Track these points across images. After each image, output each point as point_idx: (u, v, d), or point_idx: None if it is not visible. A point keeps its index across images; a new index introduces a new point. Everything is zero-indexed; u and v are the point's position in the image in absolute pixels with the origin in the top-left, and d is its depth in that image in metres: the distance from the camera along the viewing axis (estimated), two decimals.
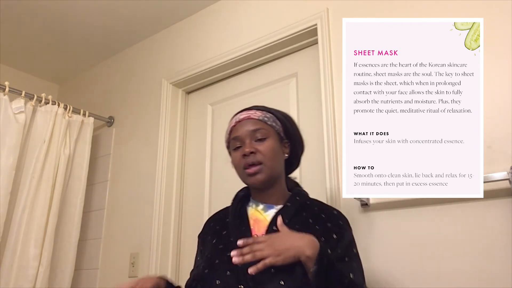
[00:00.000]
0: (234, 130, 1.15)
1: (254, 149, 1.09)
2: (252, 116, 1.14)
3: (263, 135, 1.11)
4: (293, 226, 1.03)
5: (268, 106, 1.21)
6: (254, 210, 1.13)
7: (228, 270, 0.98)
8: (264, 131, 1.11)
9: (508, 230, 1.16)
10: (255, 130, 1.11)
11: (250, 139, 1.11)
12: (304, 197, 1.16)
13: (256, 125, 1.12)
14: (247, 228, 1.07)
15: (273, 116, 1.16)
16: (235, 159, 1.13)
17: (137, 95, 2.44)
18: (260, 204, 1.14)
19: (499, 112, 1.24)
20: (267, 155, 1.09)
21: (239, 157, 1.11)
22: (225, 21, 2.11)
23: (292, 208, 1.10)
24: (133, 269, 2.06)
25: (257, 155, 1.09)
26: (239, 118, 1.15)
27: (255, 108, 1.17)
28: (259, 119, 1.13)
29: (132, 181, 2.26)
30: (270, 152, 1.09)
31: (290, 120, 1.21)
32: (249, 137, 1.11)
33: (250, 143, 1.10)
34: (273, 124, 1.14)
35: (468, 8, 1.37)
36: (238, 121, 1.15)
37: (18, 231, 1.97)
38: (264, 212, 1.11)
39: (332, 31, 1.68)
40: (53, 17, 2.32)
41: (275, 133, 1.14)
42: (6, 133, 2.02)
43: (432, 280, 1.25)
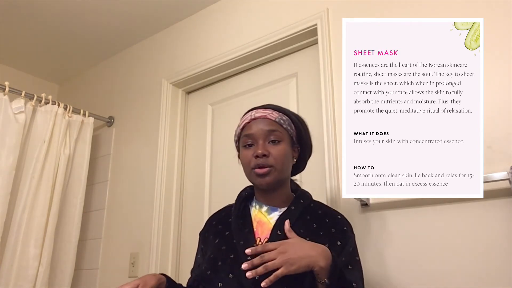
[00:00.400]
0: (248, 127, 1.12)
1: (267, 151, 1.07)
2: (269, 116, 1.11)
3: (278, 138, 1.09)
4: (297, 230, 1.02)
5: (283, 107, 1.18)
6: (257, 211, 1.12)
7: (231, 273, 0.98)
8: (279, 133, 1.09)
9: (508, 230, 1.16)
10: (270, 131, 1.09)
11: (264, 140, 1.09)
12: (308, 200, 1.16)
13: (271, 126, 1.10)
14: (250, 230, 1.06)
15: (289, 119, 1.14)
16: (245, 157, 1.10)
17: (137, 95, 2.44)
18: (264, 205, 1.12)
19: (499, 112, 1.24)
20: (279, 159, 1.07)
21: (250, 156, 1.08)
22: (225, 21, 2.11)
23: (296, 211, 1.09)
24: (133, 269, 2.06)
25: (269, 158, 1.07)
26: (255, 115, 1.12)
27: (271, 108, 1.14)
28: (276, 121, 1.11)
29: (132, 181, 2.26)
30: (282, 156, 1.08)
31: (304, 125, 1.19)
32: (263, 137, 1.09)
33: (264, 144, 1.08)
34: (288, 128, 1.12)
35: (468, 8, 1.37)
36: (253, 118, 1.12)
37: (18, 231, 1.97)
38: (268, 214, 1.10)
39: (332, 31, 1.68)
40: (53, 17, 2.32)
41: (288, 137, 1.13)
42: (6, 133, 2.02)
43: (432, 280, 1.25)
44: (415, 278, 1.28)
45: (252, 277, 0.87)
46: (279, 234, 1.02)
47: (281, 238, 0.99)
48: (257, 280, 0.89)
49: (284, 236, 1.00)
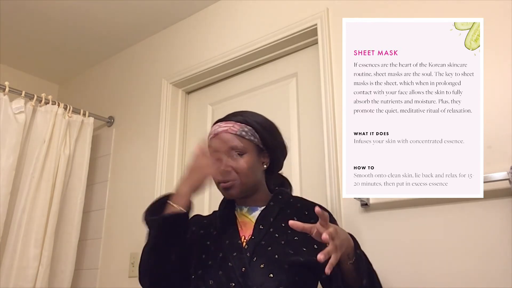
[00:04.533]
0: (212, 142, 1.14)
1: (229, 167, 1.09)
2: (230, 130, 1.12)
3: (240, 151, 1.10)
4: (279, 223, 1.08)
5: (247, 113, 1.18)
6: (239, 213, 1.16)
7: (220, 270, 1.02)
8: (241, 146, 1.10)
9: (508, 230, 1.16)
10: (232, 147, 1.10)
11: (227, 155, 1.10)
12: (287, 195, 1.20)
13: (233, 141, 1.11)
14: (235, 229, 1.11)
15: (251, 129, 1.13)
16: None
17: (137, 95, 2.44)
18: (244, 207, 1.17)
19: (499, 112, 1.24)
20: (242, 172, 1.09)
21: (216, 170, 1.11)
22: (225, 21, 2.11)
23: (275, 207, 1.13)
24: (133, 269, 2.06)
25: (231, 173, 1.09)
26: (217, 130, 1.14)
27: (234, 120, 1.14)
28: (237, 134, 1.11)
29: (132, 181, 2.26)
30: (245, 169, 1.09)
31: (270, 130, 1.18)
32: (226, 153, 1.11)
33: (227, 160, 1.10)
34: (251, 138, 1.12)
35: (468, 8, 1.37)
36: (216, 133, 1.14)
37: (18, 231, 1.97)
38: (249, 214, 1.15)
39: (332, 31, 1.68)
40: (53, 17, 2.32)
41: (254, 147, 1.13)
42: (6, 133, 2.02)
43: (432, 280, 1.25)
44: (415, 278, 1.28)
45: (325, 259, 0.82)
46: (261, 229, 1.08)
47: (264, 233, 1.06)
48: (244, 273, 0.98)
49: (266, 231, 1.06)
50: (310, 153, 1.70)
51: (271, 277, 0.97)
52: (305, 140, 1.73)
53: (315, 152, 1.66)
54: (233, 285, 0.98)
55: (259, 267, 0.99)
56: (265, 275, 0.97)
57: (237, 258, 1.03)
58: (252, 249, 1.03)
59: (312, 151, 1.69)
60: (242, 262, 1.01)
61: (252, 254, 1.02)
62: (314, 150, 1.68)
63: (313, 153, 1.68)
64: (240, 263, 1.01)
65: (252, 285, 0.97)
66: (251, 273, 0.99)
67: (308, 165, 1.69)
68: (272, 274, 0.97)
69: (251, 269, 0.99)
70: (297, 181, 1.68)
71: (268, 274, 0.97)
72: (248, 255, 1.02)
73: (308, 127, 1.74)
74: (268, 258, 1.00)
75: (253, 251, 1.03)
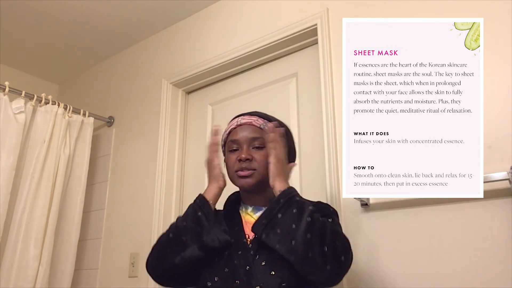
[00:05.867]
0: (233, 133, 1.17)
1: (251, 156, 1.12)
2: (254, 123, 1.16)
3: (261, 144, 1.13)
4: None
5: (269, 114, 1.22)
6: (244, 213, 1.17)
7: (226, 268, 1.04)
8: (262, 140, 1.13)
9: (508, 230, 1.16)
10: (254, 138, 1.14)
11: (248, 145, 1.14)
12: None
13: (256, 133, 1.15)
14: (240, 228, 1.12)
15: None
16: (229, 160, 1.16)
17: (137, 95, 2.44)
18: (249, 207, 1.18)
19: (499, 112, 1.24)
20: (262, 163, 1.11)
21: (234, 160, 1.14)
22: (225, 21, 2.11)
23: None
24: (133, 269, 2.06)
25: (252, 162, 1.12)
26: (241, 122, 1.18)
27: (257, 115, 1.19)
28: (260, 128, 1.15)
29: (132, 181, 2.26)
30: (265, 161, 1.11)
31: (288, 133, 1.23)
32: (247, 143, 1.14)
33: (248, 150, 1.13)
34: None
35: (468, 8, 1.37)
36: (239, 124, 1.17)
37: (18, 231, 1.97)
38: (254, 214, 1.16)
39: (332, 31, 1.68)
40: (53, 17, 2.32)
41: None
42: (6, 133, 2.02)
43: (432, 280, 1.25)
44: (415, 278, 1.28)
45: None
46: None
47: None
48: (248, 271, 1.00)
49: None
50: (310, 153, 1.70)
51: (272, 274, 0.99)
52: (305, 140, 1.73)
53: (315, 152, 1.66)
54: (237, 282, 1.01)
55: (261, 265, 1.02)
56: (267, 273, 1.00)
57: (242, 256, 1.05)
58: (256, 248, 1.05)
59: (312, 151, 1.69)
60: (247, 261, 1.03)
61: (256, 252, 1.04)
62: (314, 150, 1.68)
63: (313, 153, 1.68)
64: (244, 261, 1.03)
65: (256, 283, 0.99)
66: (255, 271, 1.01)
67: (308, 165, 1.69)
68: (273, 272, 0.99)
69: (255, 267, 1.02)
70: (297, 181, 1.68)
71: (270, 271, 1.00)
72: (252, 253, 1.04)
73: (308, 127, 1.74)
74: (270, 256, 1.01)
75: (256, 250, 1.04)
